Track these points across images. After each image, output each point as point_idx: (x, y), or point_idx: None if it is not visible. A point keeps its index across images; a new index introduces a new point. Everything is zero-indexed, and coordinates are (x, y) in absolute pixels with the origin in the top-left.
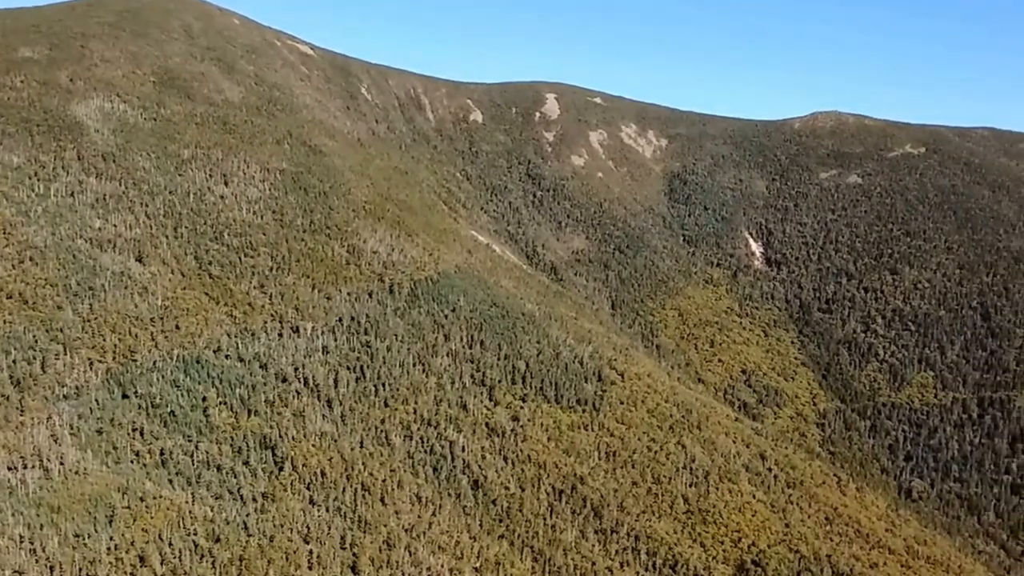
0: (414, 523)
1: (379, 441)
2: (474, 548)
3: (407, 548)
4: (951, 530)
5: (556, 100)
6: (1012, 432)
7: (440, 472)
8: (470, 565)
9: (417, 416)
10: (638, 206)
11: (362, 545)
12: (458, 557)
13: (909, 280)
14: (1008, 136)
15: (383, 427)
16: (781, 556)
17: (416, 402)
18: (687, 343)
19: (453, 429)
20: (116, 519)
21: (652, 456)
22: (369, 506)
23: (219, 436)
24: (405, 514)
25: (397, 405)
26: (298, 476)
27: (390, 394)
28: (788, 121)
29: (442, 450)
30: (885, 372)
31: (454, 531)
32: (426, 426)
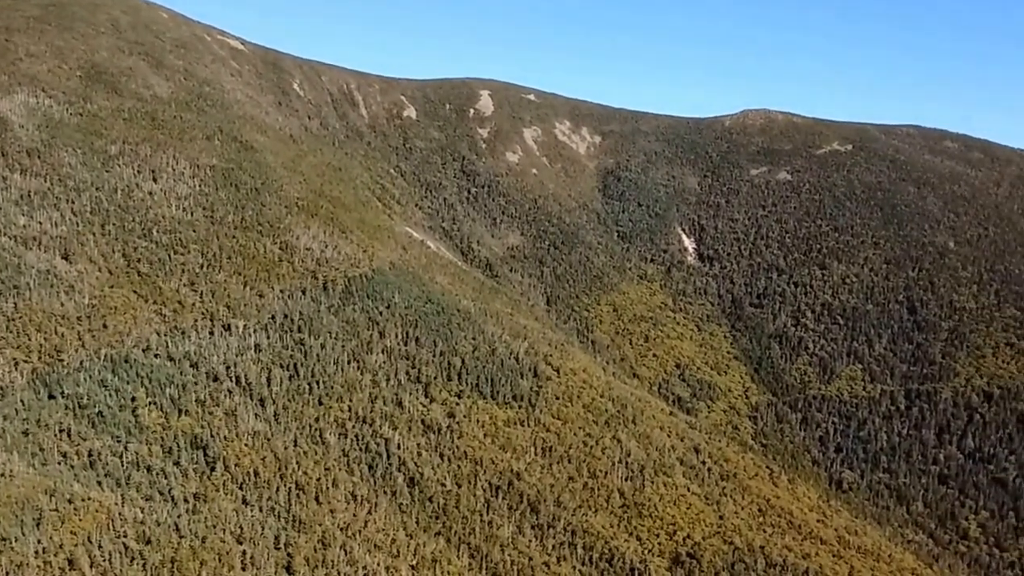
0: (349, 522)
1: (313, 440)
2: (410, 546)
3: (342, 547)
4: (881, 520)
5: (490, 97)
6: (939, 423)
7: (376, 470)
8: (406, 563)
9: (352, 414)
10: (573, 203)
11: (297, 545)
12: (394, 555)
13: (837, 275)
14: (932, 134)
15: (317, 425)
16: (716, 548)
17: (351, 400)
18: (622, 338)
19: (389, 426)
20: (44, 522)
21: (588, 451)
22: (304, 505)
23: (149, 436)
24: (340, 513)
25: (332, 403)
26: (230, 476)
27: (324, 392)
28: (719, 119)
29: (377, 448)
30: (815, 365)
31: (390, 529)
32: (361, 424)
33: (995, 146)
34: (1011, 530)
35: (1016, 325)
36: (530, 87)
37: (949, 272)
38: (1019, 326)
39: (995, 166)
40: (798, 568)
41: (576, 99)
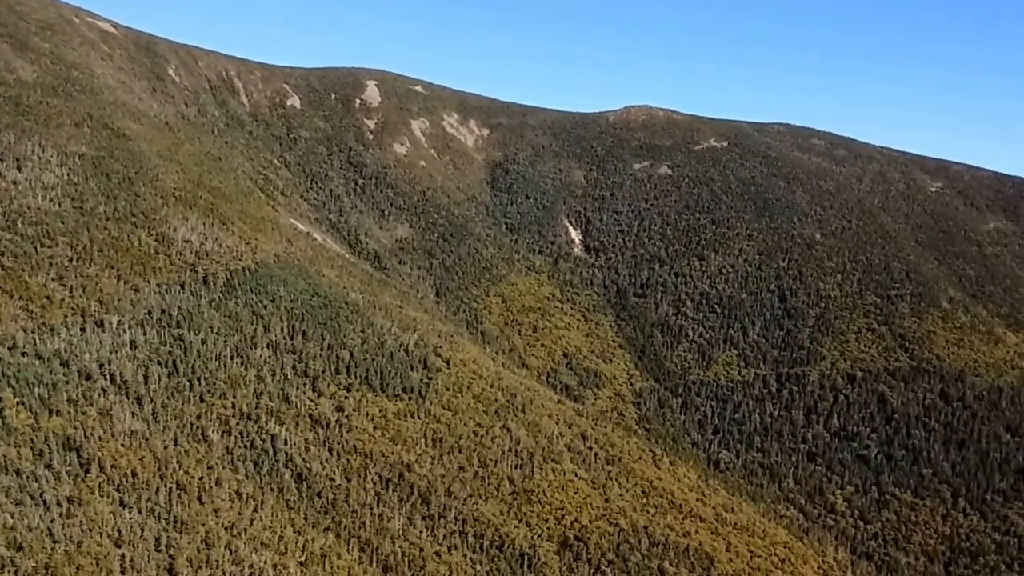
0: (234, 520)
1: (195, 438)
2: (299, 542)
3: (227, 546)
4: (755, 497)
5: (377, 87)
6: (807, 404)
7: (261, 467)
8: (294, 559)
9: (236, 410)
10: (461, 195)
11: (179, 546)
12: (282, 552)
13: (715, 265)
14: (801, 131)
15: (199, 423)
16: (602, 530)
17: (234, 396)
18: (511, 329)
19: (275, 422)
20: None
21: (478, 440)
22: (185, 505)
23: (17, 439)
24: (225, 512)
25: (214, 400)
26: (107, 478)
27: (206, 389)
28: (603, 114)
29: (263, 444)
30: (694, 352)
31: (277, 526)
32: (246, 420)
33: (858, 143)
34: (874, 503)
35: (876, 312)
36: (417, 78)
37: (816, 262)
38: (879, 313)
39: (858, 162)
40: (679, 546)
41: (464, 92)
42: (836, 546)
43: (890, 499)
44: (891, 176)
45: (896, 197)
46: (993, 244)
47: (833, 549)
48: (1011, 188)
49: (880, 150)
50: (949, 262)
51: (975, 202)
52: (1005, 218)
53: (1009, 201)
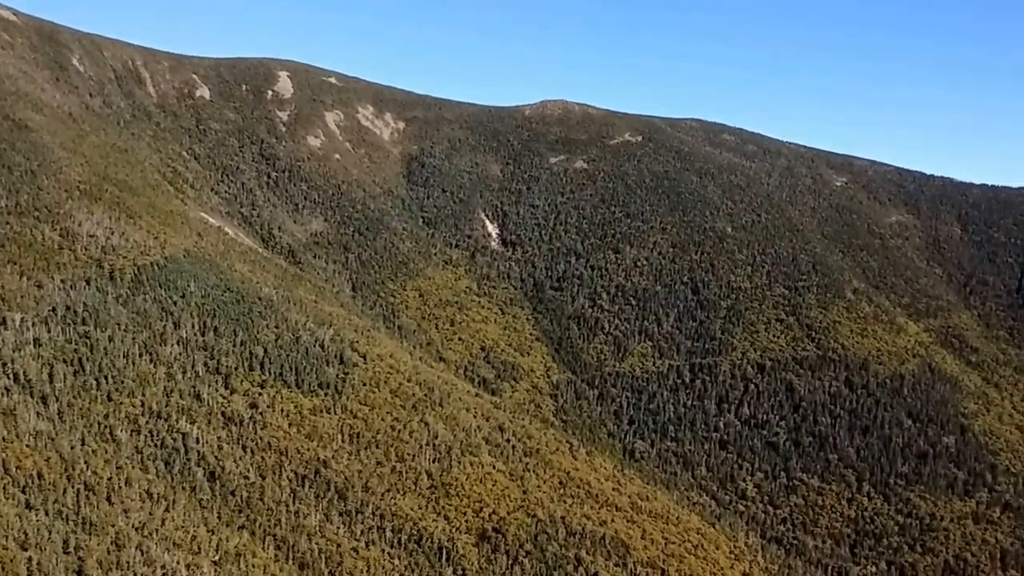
0: (145, 521)
1: (103, 437)
2: (212, 541)
3: (138, 547)
4: (669, 485)
5: (289, 78)
6: (719, 394)
7: (172, 466)
8: (208, 559)
9: (145, 409)
10: (377, 188)
11: (88, 548)
12: (195, 552)
13: (630, 258)
14: (712, 127)
15: (107, 422)
16: (520, 521)
17: (144, 394)
18: (428, 323)
19: (186, 420)
20: None
21: (396, 435)
22: (94, 506)
23: None
24: (135, 512)
25: (122, 398)
26: (11, 479)
27: (114, 387)
28: (519, 108)
29: (174, 443)
30: (610, 344)
31: (190, 526)
32: (156, 419)
33: (767, 139)
34: (782, 489)
35: (784, 303)
36: (331, 70)
37: (727, 255)
38: (787, 304)
39: (767, 158)
40: (596, 535)
41: (379, 84)
42: (747, 531)
43: (798, 484)
44: (798, 171)
45: (803, 191)
46: (895, 237)
47: (744, 534)
48: (912, 183)
49: (788, 145)
50: (853, 254)
51: (878, 196)
52: (906, 211)
53: (910, 195)
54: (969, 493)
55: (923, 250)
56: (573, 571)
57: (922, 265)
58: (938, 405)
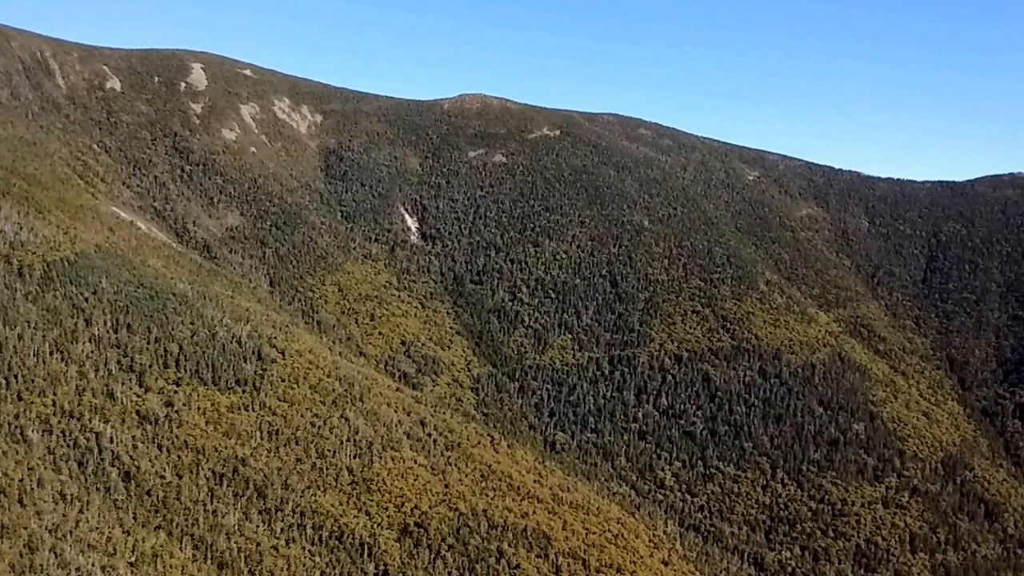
0: (59, 522)
1: (13, 438)
2: (128, 542)
3: (52, 550)
4: (590, 476)
5: (203, 70)
6: (638, 385)
7: (86, 466)
8: (124, 560)
9: (57, 408)
10: (294, 182)
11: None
12: (110, 554)
13: (549, 252)
14: (629, 121)
15: (17, 423)
16: (442, 515)
17: (55, 393)
18: (348, 318)
19: (99, 419)
20: None
21: (316, 431)
22: (5, 509)
23: None
24: (48, 514)
25: (33, 398)
26: None
27: (24, 386)
28: (438, 102)
29: (87, 443)
30: (530, 337)
31: (105, 527)
32: (68, 418)
33: (682, 134)
34: (699, 477)
35: (700, 295)
36: (246, 62)
37: (644, 248)
38: (703, 296)
39: (682, 152)
40: (517, 527)
41: (295, 76)
42: (665, 519)
43: (715, 472)
44: (712, 165)
45: (717, 185)
46: (805, 229)
47: (663, 522)
48: (821, 177)
49: (702, 140)
50: (766, 247)
51: (789, 190)
52: (816, 205)
53: (819, 189)
54: (879, 478)
55: (832, 242)
56: (495, 564)
57: (831, 257)
58: (848, 393)
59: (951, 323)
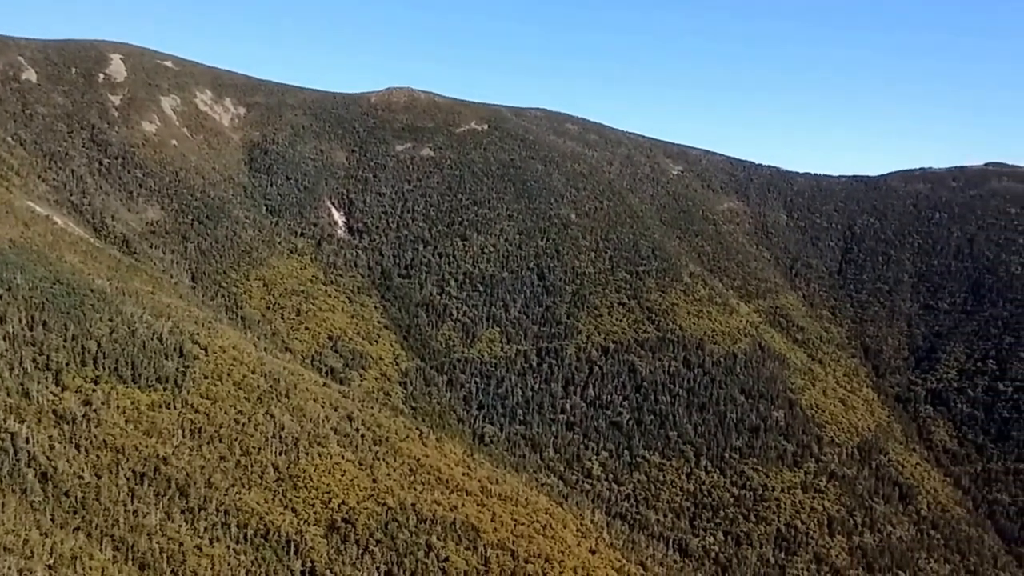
0: None
1: None
2: (46, 544)
3: None
4: (518, 467)
5: (122, 61)
6: (565, 377)
7: (1, 468)
8: (42, 563)
9: None
10: (217, 175)
11: None
12: (27, 557)
13: (477, 245)
14: (556, 116)
15: None
16: (370, 510)
17: None
18: (273, 313)
19: (14, 419)
20: None
21: (240, 428)
22: None
23: None
24: None
25: None
26: None
27: None
28: (365, 95)
29: (2, 443)
30: (459, 330)
31: (21, 529)
32: None
33: (608, 128)
34: (626, 466)
35: (626, 287)
36: (167, 53)
37: (571, 241)
38: (629, 288)
39: (608, 147)
40: (446, 520)
41: (218, 68)
42: (593, 509)
43: (640, 461)
44: (637, 160)
45: (642, 179)
46: (727, 223)
47: (590, 512)
48: (742, 171)
49: (627, 135)
50: (689, 239)
51: (711, 184)
52: (737, 199)
53: (741, 183)
54: (798, 464)
55: (752, 235)
56: (424, 557)
57: (752, 249)
58: (768, 381)
59: (865, 313)
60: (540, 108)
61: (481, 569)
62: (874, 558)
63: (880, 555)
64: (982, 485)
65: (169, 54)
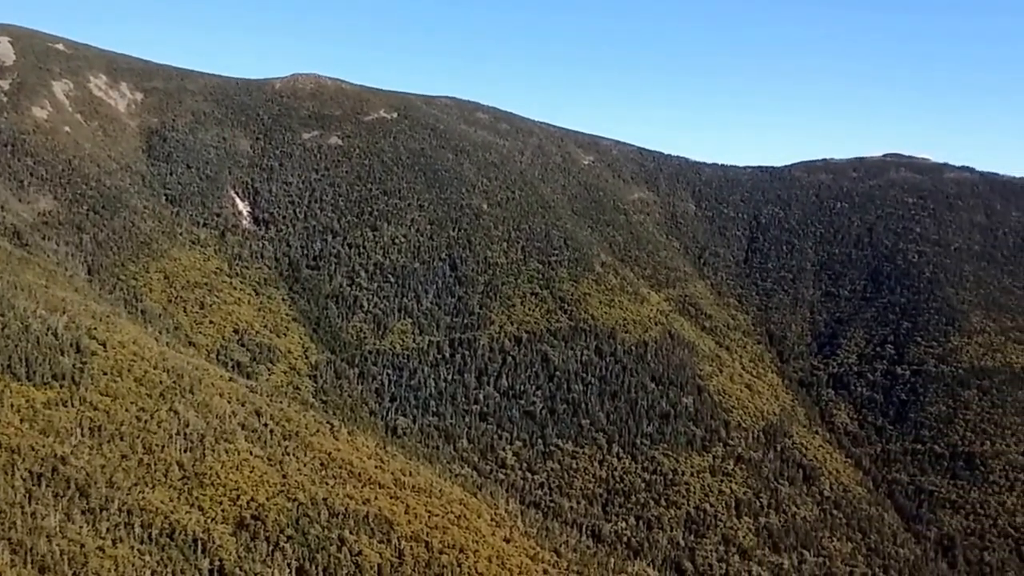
0: None
1: None
2: None
3: None
4: (432, 459)
5: (10, 44)
6: (478, 367)
7: None
8: None
9: None
10: (114, 164)
11: None
12: None
13: (388, 236)
14: (467, 105)
15: None
16: (280, 506)
17: None
18: (175, 306)
19: None
20: None
21: (143, 426)
22: None
23: None
24: None
25: None
26: None
27: None
28: (269, 81)
29: None
30: (370, 322)
31: None
32: None
33: (519, 118)
34: (539, 455)
35: (539, 277)
36: (58, 36)
37: (483, 231)
38: (541, 278)
39: (519, 136)
40: (359, 513)
41: (113, 52)
42: (507, 498)
43: (554, 450)
44: (549, 150)
45: (554, 169)
46: (637, 212)
47: (504, 501)
48: (652, 162)
49: (539, 125)
50: (600, 229)
51: (622, 174)
52: (647, 189)
53: (650, 173)
54: (706, 448)
55: (662, 225)
56: (337, 552)
57: (662, 239)
58: (678, 368)
59: (770, 300)
60: (450, 96)
61: (395, 562)
62: (779, 538)
63: (785, 535)
64: (881, 465)
65: (60, 37)
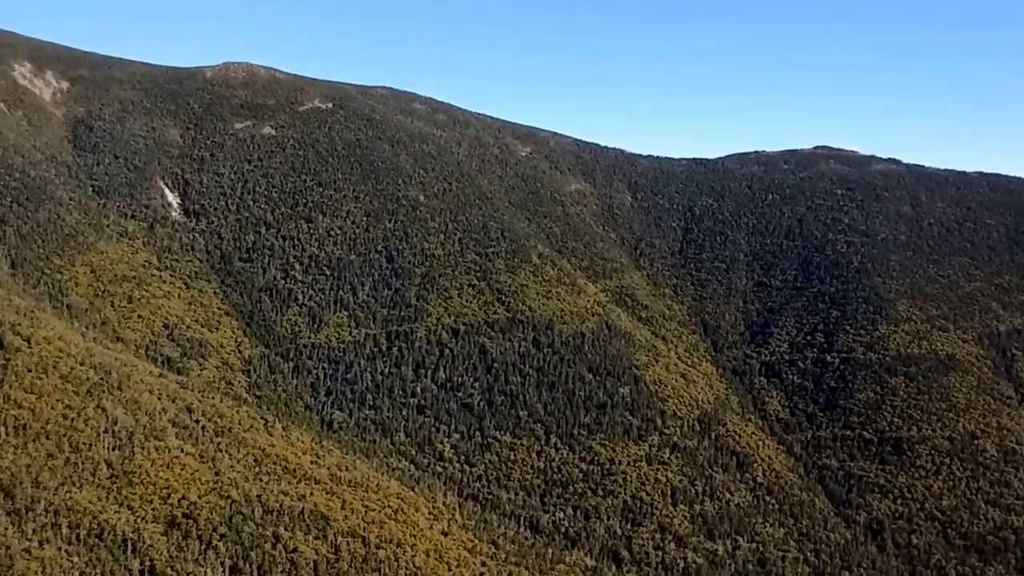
0: None
1: None
2: None
3: None
4: (369, 453)
5: None
6: (415, 360)
7: None
8: None
9: None
10: (38, 154)
11: None
12: None
13: (323, 228)
14: (403, 96)
15: None
16: (213, 504)
17: None
18: (102, 301)
19: None
20: None
21: (69, 424)
22: None
23: None
24: None
25: None
26: None
27: None
28: (200, 70)
29: None
30: (305, 315)
31: None
32: None
33: (456, 109)
34: (477, 447)
35: (476, 269)
36: None
37: (420, 223)
38: (478, 269)
39: (456, 127)
40: (294, 510)
41: (37, 39)
42: (445, 491)
43: (492, 442)
44: (486, 141)
45: (491, 161)
46: (575, 204)
47: (442, 494)
48: (588, 154)
49: (476, 116)
50: (538, 221)
51: (559, 166)
52: (584, 180)
53: (587, 165)
54: (643, 437)
55: (599, 216)
56: (271, 549)
57: (598, 230)
58: (614, 359)
59: (704, 290)
60: (386, 87)
61: (331, 558)
62: (714, 524)
63: (720, 521)
64: (812, 452)
65: None
